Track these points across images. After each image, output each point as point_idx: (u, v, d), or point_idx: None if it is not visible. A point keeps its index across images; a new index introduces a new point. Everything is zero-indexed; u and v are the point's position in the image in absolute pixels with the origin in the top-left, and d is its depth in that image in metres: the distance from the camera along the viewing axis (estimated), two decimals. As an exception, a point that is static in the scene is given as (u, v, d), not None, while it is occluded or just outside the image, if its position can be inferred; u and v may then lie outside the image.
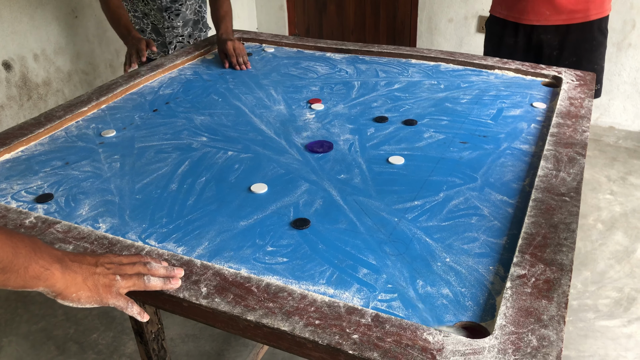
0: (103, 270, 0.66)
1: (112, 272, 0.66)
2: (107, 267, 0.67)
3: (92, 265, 0.65)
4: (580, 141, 1.05)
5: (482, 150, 1.06)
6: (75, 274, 0.62)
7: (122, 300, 0.67)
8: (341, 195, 0.93)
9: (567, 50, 1.67)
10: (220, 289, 0.70)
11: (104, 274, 0.66)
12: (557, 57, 1.69)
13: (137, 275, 0.69)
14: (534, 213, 0.83)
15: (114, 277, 0.66)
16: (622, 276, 1.86)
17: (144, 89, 1.39)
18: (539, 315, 0.64)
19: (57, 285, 0.60)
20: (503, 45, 1.75)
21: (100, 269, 0.66)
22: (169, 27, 1.87)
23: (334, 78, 1.43)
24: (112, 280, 0.66)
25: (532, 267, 0.72)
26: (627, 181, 2.41)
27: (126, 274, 0.68)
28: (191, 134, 1.15)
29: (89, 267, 0.65)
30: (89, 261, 0.66)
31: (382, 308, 0.68)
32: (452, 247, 0.79)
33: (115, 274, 0.66)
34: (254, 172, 1.01)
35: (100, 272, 0.65)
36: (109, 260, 0.68)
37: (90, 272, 0.64)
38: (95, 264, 0.66)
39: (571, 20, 1.62)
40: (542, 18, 1.64)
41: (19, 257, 0.57)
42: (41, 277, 0.59)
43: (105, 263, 0.67)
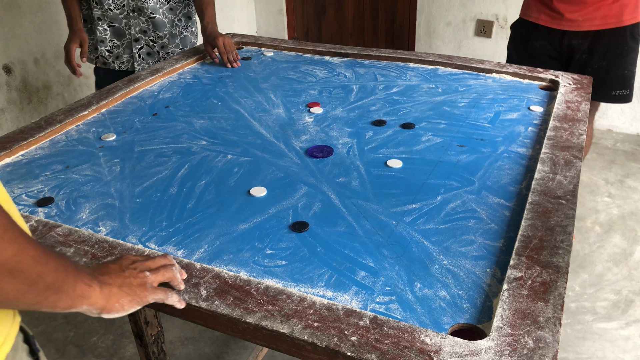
0: (131, 272, 0.66)
1: (139, 270, 0.67)
2: (133, 268, 0.67)
3: (120, 271, 0.66)
4: (576, 144, 1.06)
5: (480, 153, 1.07)
6: (110, 286, 0.62)
7: (160, 293, 0.67)
8: (340, 198, 0.93)
9: (597, 54, 1.68)
10: (219, 291, 0.71)
11: (133, 275, 0.66)
12: (586, 60, 1.70)
13: (163, 266, 0.69)
14: (530, 216, 0.84)
15: (144, 274, 0.67)
16: (620, 279, 1.86)
17: (143, 93, 1.40)
18: (535, 317, 0.65)
19: (100, 302, 0.60)
20: (528, 48, 1.76)
21: (128, 272, 0.66)
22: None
23: (333, 82, 1.44)
24: (143, 277, 0.66)
25: (528, 270, 0.72)
26: (625, 184, 2.42)
27: (152, 268, 0.68)
28: (191, 138, 1.16)
29: (118, 274, 0.65)
30: (114, 269, 0.66)
31: (380, 310, 0.69)
32: (450, 249, 0.80)
33: (143, 271, 0.67)
34: (253, 175, 1.01)
35: (129, 274, 0.66)
36: (130, 262, 0.68)
37: (121, 278, 0.65)
38: (121, 269, 0.66)
39: (604, 26, 1.63)
40: (576, 24, 1.65)
41: (69, 276, 0.56)
42: (85, 295, 0.58)
43: (129, 265, 0.67)
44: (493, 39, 2.96)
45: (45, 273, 0.52)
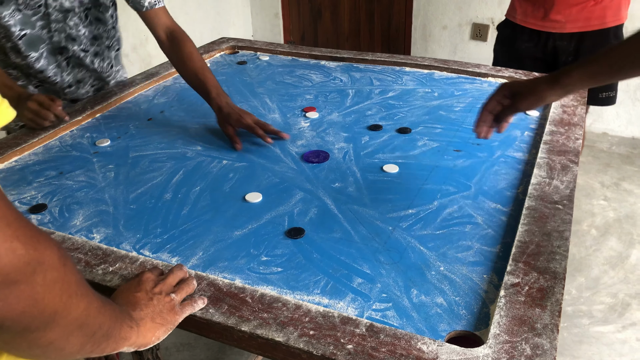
0: (158, 299, 0.66)
1: (164, 294, 0.67)
2: (159, 292, 0.66)
3: (148, 300, 0.65)
4: (573, 149, 1.06)
5: (476, 158, 1.07)
6: (144, 320, 0.62)
7: (188, 308, 0.67)
8: (336, 204, 0.93)
9: (583, 56, 1.69)
10: (214, 299, 0.70)
11: (161, 302, 0.65)
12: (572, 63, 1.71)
13: (183, 281, 0.70)
14: (527, 221, 0.83)
15: (170, 297, 0.66)
16: (616, 282, 1.86)
17: (138, 98, 1.39)
18: (533, 323, 0.64)
19: (138, 341, 0.60)
20: (515, 49, 1.76)
21: (155, 299, 0.65)
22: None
23: (329, 86, 1.43)
24: (171, 302, 0.66)
25: (525, 276, 0.72)
26: (621, 187, 2.42)
27: (173, 286, 0.69)
28: (186, 143, 1.16)
29: (147, 305, 0.64)
30: (142, 299, 0.65)
31: (377, 318, 0.68)
32: (446, 255, 0.80)
33: (169, 294, 0.67)
34: (249, 181, 1.01)
35: (158, 302, 0.65)
36: (153, 284, 0.68)
37: (151, 307, 0.64)
38: (148, 297, 0.65)
39: (588, 28, 1.64)
40: (559, 26, 1.66)
41: (117, 321, 0.56)
42: (127, 337, 0.58)
43: (154, 289, 0.67)
44: (489, 42, 2.96)
45: (104, 322, 0.53)
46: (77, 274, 0.48)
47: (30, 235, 0.41)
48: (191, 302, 0.68)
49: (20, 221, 0.40)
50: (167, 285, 0.68)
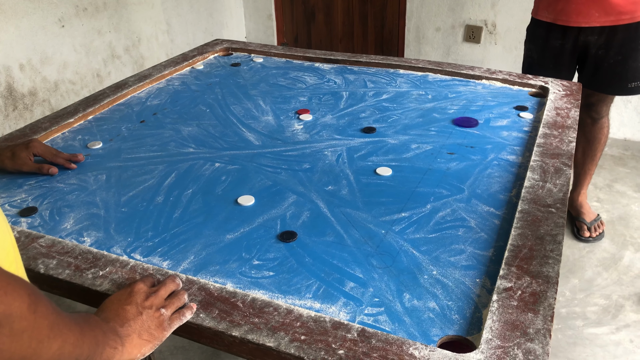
0: (147, 313, 0.65)
1: (155, 309, 0.66)
2: (149, 307, 0.66)
3: (137, 314, 0.64)
4: (566, 152, 1.05)
5: (469, 161, 1.06)
6: (131, 337, 0.62)
7: (176, 322, 0.67)
8: (328, 207, 0.92)
9: (613, 49, 1.71)
10: (205, 304, 0.70)
11: (150, 317, 0.65)
12: (603, 56, 1.74)
13: (176, 296, 0.69)
14: (520, 225, 0.83)
15: (159, 312, 0.66)
16: (610, 283, 1.87)
17: (131, 100, 1.38)
18: (525, 328, 0.64)
19: (123, 357, 0.61)
20: (548, 47, 1.78)
21: (145, 314, 0.65)
22: None
23: (323, 88, 1.43)
24: (160, 317, 0.66)
25: (518, 280, 0.72)
26: (613, 188, 2.43)
27: (165, 299, 0.68)
28: (178, 145, 1.15)
29: (136, 319, 0.64)
30: (132, 313, 0.64)
31: (369, 322, 0.68)
32: (439, 259, 0.79)
33: (159, 309, 0.66)
34: (241, 184, 1.00)
35: (147, 317, 0.65)
36: (144, 296, 0.67)
37: (139, 322, 0.64)
38: (138, 311, 0.65)
39: (619, 22, 1.66)
40: (591, 20, 1.68)
41: (99, 346, 0.56)
42: (111, 356, 0.59)
43: (144, 302, 0.66)
44: (482, 44, 2.97)
45: (82, 352, 0.52)
46: (51, 315, 0.47)
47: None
48: (179, 314, 0.67)
49: None
50: (159, 299, 0.67)
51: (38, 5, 2.16)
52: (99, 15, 2.43)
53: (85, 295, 0.75)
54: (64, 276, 0.75)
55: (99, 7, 2.42)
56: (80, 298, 0.76)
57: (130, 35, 2.63)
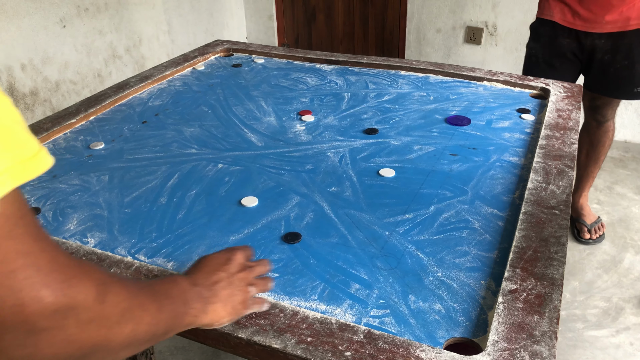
0: (238, 287, 0.65)
1: (245, 283, 0.66)
2: (241, 279, 0.66)
3: (228, 284, 0.64)
4: (568, 153, 1.06)
5: (472, 162, 1.06)
6: (214, 306, 0.62)
7: (254, 307, 0.67)
8: (332, 208, 0.92)
9: (621, 54, 1.72)
10: (210, 305, 0.69)
11: (239, 289, 0.65)
12: (610, 60, 1.74)
13: (263, 279, 0.69)
14: (524, 226, 0.83)
15: (247, 289, 0.66)
16: (610, 286, 1.87)
17: (133, 101, 1.38)
18: (531, 330, 0.64)
19: (205, 322, 0.61)
20: (555, 45, 1.78)
21: (235, 286, 0.65)
22: None
23: (324, 89, 1.43)
24: (246, 294, 0.65)
25: (523, 282, 0.72)
26: (614, 190, 2.44)
27: (254, 278, 0.68)
28: (181, 146, 1.15)
29: (226, 289, 0.64)
30: (223, 280, 0.64)
31: (375, 324, 0.68)
32: (444, 261, 0.79)
33: (247, 285, 0.66)
34: (245, 185, 1.00)
35: (235, 290, 0.65)
36: (240, 268, 0.67)
37: (227, 294, 0.63)
38: (230, 280, 0.65)
39: (627, 27, 1.67)
40: (598, 26, 1.68)
41: (177, 319, 0.57)
42: (191, 323, 0.60)
43: (238, 275, 0.66)
44: (482, 45, 2.97)
45: (157, 330, 0.52)
46: (123, 302, 0.46)
47: (62, 279, 0.39)
48: (259, 301, 0.68)
49: (53, 264, 0.38)
50: (250, 276, 0.67)
51: (40, 5, 2.15)
52: (100, 16, 2.43)
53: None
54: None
55: (100, 8, 2.42)
56: (84, 299, 0.76)
57: (131, 36, 2.63)
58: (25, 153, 0.36)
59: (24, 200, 0.35)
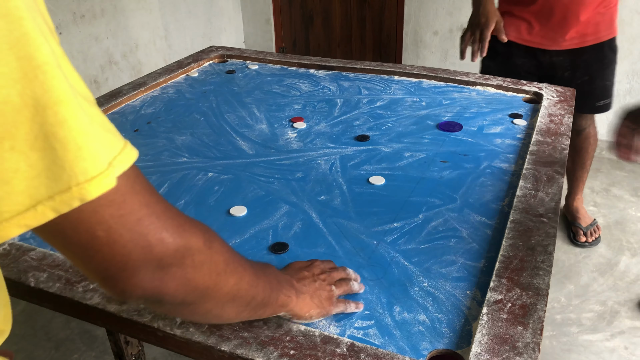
0: (321, 284, 0.70)
1: (327, 283, 0.71)
2: (322, 280, 0.71)
3: (312, 281, 0.70)
4: (559, 159, 1.06)
5: (462, 169, 1.06)
6: (305, 295, 0.67)
7: (341, 305, 0.71)
8: (321, 217, 0.92)
9: (580, 70, 1.71)
10: (195, 318, 0.69)
11: (322, 287, 0.70)
12: (570, 77, 1.73)
13: (345, 280, 0.73)
14: (511, 235, 0.83)
15: (330, 288, 0.70)
16: (606, 289, 1.86)
17: (125, 108, 1.39)
18: (514, 342, 0.64)
19: (295, 309, 0.65)
20: (511, 64, 1.76)
21: (318, 283, 0.70)
22: None
23: (317, 96, 1.43)
24: (330, 292, 0.70)
25: (508, 292, 0.72)
26: (610, 192, 2.43)
27: (335, 280, 0.73)
28: (172, 155, 1.15)
29: (311, 284, 0.69)
30: (308, 278, 0.70)
31: (358, 336, 0.68)
32: (430, 270, 0.79)
33: (330, 285, 0.71)
34: (234, 193, 1.00)
35: (320, 286, 0.70)
36: (320, 271, 0.72)
37: (313, 289, 0.68)
38: (313, 279, 0.70)
39: (584, 44, 1.66)
40: (555, 44, 1.68)
41: (273, 292, 0.61)
42: (284, 304, 0.64)
43: (319, 275, 0.71)
44: (479, 48, 2.97)
45: (257, 294, 0.58)
46: (226, 254, 0.53)
47: (176, 225, 0.46)
48: (345, 302, 0.71)
49: (167, 213, 0.45)
50: (331, 277, 0.72)
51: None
52: (96, 22, 2.44)
53: (75, 308, 0.74)
54: (54, 290, 0.75)
55: (96, 14, 2.42)
56: (70, 311, 0.76)
57: (128, 41, 2.64)
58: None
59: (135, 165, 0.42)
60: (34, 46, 0.34)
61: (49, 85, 0.34)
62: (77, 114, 0.36)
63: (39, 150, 0.35)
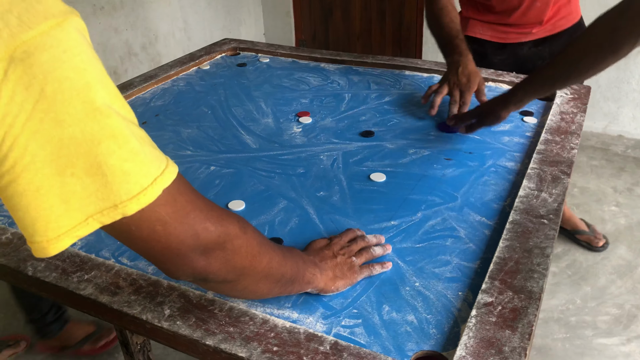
0: (342, 259, 0.76)
1: (347, 256, 0.77)
2: (342, 254, 0.77)
3: (333, 257, 0.76)
4: (567, 159, 1.03)
5: (466, 167, 1.04)
6: (327, 271, 0.73)
7: (366, 271, 0.77)
8: (318, 213, 0.92)
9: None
10: (183, 311, 0.70)
11: (343, 262, 0.76)
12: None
13: (365, 249, 0.79)
14: (509, 236, 0.81)
15: (351, 259, 0.77)
16: (624, 292, 1.82)
17: (135, 101, 1.40)
18: (501, 346, 0.63)
19: (320, 285, 0.71)
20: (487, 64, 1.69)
21: (339, 258, 0.76)
22: None
23: (326, 90, 1.42)
24: (351, 262, 0.76)
25: (500, 295, 0.70)
26: (634, 192, 2.36)
27: (356, 252, 0.78)
28: (176, 148, 1.16)
29: (332, 261, 0.75)
30: (329, 255, 0.76)
31: (344, 335, 0.67)
32: (423, 270, 0.78)
33: (350, 257, 0.77)
34: (234, 188, 1.00)
35: (340, 261, 0.75)
36: (339, 247, 0.78)
37: (334, 264, 0.75)
38: (334, 255, 0.76)
39: (557, 29, 1.60)
40: (529, 35, 1.62)
41: (300, 270, 0.68)
42: (310, 281, 0.70)
43: (340, 252, 0.77)
44: (501, 42, 2.90)
45: (286, 272, 0.65)
46: (258, 238, 0.60)
47: (217, 216, 0.54)
48: (370, 267, 0.77)
49: (208, 206, 0.54)
50: (351, 250, 0.78)
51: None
52: (115, 14, 2.47)
53: (69, 298, 0.76)
54: (50, 279, 0.77)
55: (116, 6, 2.46)
56: (65, 301, 0.77)
57: (147, 33, 2.67)
58: None
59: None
60: (94, 91, 0.43)
61: (104, 123, 0.43)
62: (126, 144, 0.44)
63: (92, 175, 0.43)
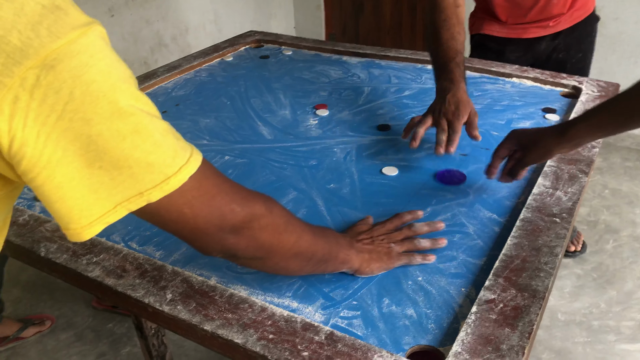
0: (379, 243, 0.77)
1: (385, 242, 0.78)
2: (381, 240, 0.78)
3: (371, 242, 0.77)
4: (586, 158, 1.00)
5: (481, 163, 1.02)
6: (363, 253, 0.74)
7: (404, 259, 0.77)
8: (326, 205, 0.92)
9: (574, 48, 1.61)
10: (184, 296, 0.71)
11: (381, 246, 0.77)
12: (565, 58, 1.63)
13: (408, 239, 0.79)
14: (518, 234, 0.80)
15: (389, 245, 0.77)
16: (651, 297, 1.75)
17: (157, 90, 1.43)
18: (498, 344, 0.61)
19: (355, 265, 0.73)
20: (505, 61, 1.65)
21: (377, 243, 0.77)
22: None
23: (345, 83, 1.42)
24: (389, 249, 0.77)
25: (503, 292, 0.69)
26: (669, 196, 2.27)
27: (397, 240, 0.79)
28: (193, 137, 1.17)
29: (370, 244, 0.76)
30: (366, 239, 0.77)
31: (342, 325, 0.67)
32: (428, 265, 0.77)
33: (389, 243, 0.78)
34: (246, 177, 1.01)
35: (377, 245, 0.77)
36: (379, 234, 0.79)
37: (371, 248, 0.76)
38: (372, 240, 0.78)
39: (573, 21, 1.56)
40: (546, 29, 1.57)
41: (333, 249, 0.70)
42: (345, 260, 0.71)
43: (379, 237, 0.78)
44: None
45: (317, 251, 0.67)
46: (285, 217, 0.63)
47: (242, 196, 0.57)
48: (410, 255, 0.77)
49: (234, 189, 0.57)
50: (391, 237, 0.79)
51: None
52: (147, 5, 2.51)
53: (78, 279, 0.78)
54: (61, 260, 0.79)
55: (147, -2, 2.50)
56: (74, 282, 0.80)
57: (178, 25, 2.70)
58: None
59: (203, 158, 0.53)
60: (119, 92, 0.45)
61: (128, 120, 0.45)
62: (149, 137, 0.47)
63: (119, 168, 0.46)
